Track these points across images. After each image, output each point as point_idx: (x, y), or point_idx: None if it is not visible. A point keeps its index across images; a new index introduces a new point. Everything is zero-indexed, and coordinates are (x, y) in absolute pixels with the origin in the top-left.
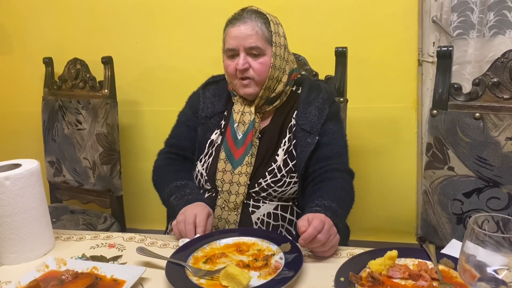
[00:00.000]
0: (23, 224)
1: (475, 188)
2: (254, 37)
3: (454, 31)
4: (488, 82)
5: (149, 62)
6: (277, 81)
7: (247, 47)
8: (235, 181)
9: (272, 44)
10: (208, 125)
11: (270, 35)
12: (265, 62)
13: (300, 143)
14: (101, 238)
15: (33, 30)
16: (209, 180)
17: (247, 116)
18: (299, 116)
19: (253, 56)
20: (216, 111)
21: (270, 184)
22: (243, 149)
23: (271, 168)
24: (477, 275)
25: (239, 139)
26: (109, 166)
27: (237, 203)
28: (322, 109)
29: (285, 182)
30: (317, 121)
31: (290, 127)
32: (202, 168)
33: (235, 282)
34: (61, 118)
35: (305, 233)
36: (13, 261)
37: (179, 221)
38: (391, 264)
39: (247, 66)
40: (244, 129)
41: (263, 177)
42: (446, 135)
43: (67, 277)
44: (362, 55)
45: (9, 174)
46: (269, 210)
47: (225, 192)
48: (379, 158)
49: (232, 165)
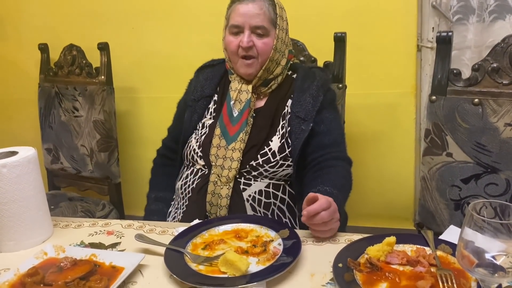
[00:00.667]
0: (21, 212)
1: (473, 174)
2: (261, 17)
3: (453, 16)
4: (488, 68)
5: (145, 48)
6: (276, 63)
7: (253, 26)
8: (229, 156)
9: (276, 27)
10: (195, 108)
11: (275, 17)
12: (268, 42)
13: (295, 130)
14: (99, 226)
15: (28, 16)
16: (203, 156)
17: (244, 94)
18: (294, 105)
19: (257, 35)
20: (204, 95)
21: (260, 164)
22: (238, 126)
23: (264, 152)
24: (475, 261)
25: (235, 116)
26: (106, 153)
27: (229, 177)
28: (316, 97)
29: (278, 164)
30: (312, 109)
31: (284, 115)
32: (196, 145)
33: (234, 268)
34: (57, 105)
35: (311, 206)
36: (11, 248)
37: None
38: (389, 250)
39: (251, 44)
40: (240, 107)
41: (254, 159)
42: (444, 121)
43: (65, 264)
44: (361, 41)
45: (6, 162)
46: (260, 188)
47: (218, 166)
48: (378, 144)
49: (227, 141)
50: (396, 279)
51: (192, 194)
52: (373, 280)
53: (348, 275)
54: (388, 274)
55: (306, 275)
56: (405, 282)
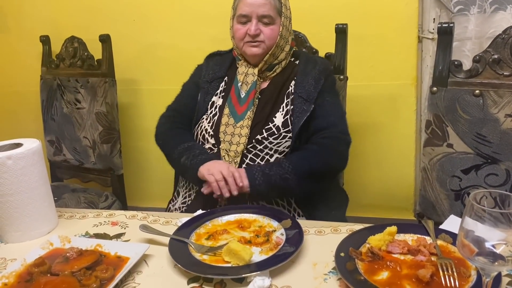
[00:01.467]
0: (26, 203)
1: (473, 165)
2: (267, 6)
3: (454, 7)
4: (489, 59)
5: (147, 40)
6: (281, 49)
7: (260, 15)
8: (237, 133)
9: (282, 15)
10: (208, 89)
11: (280, 6)
12: (274, 29)
13: (297, 109)
14: (103, 216)
15: (29, 8)
16: (214, 135)
17: (250, 77)
18: (297, 86)
19: (264, 24)
20: (216, 76)
21: (265, 137)
22: (245, 106)
23: (268, 127)
24: (475, 250)
25: (242, 97)
26: (109, 145)
27: (237, 152)
28: (318, 79)
29: (281, 135)
30: (313, 90)
31: (288, 94)
32: (208, 125)
33: (238, 258)
34: (59, 97)
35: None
36: (17, 239)
37: (212, 181)
38: (390, 239)
39: (259, 32)
40: (246, 89)
41: (260, 133)
42: (445, 112)
43: (71, 255)
44: (362, 32)
45: (11, 154)
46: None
47: (227, 142)
48: (378, 135)
49: (235, 120)
50: (397, 268)
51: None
52: (374, 269)
53: (350, 264)
54: (389, 263)
55: (308, 264)
56: (406, 270)
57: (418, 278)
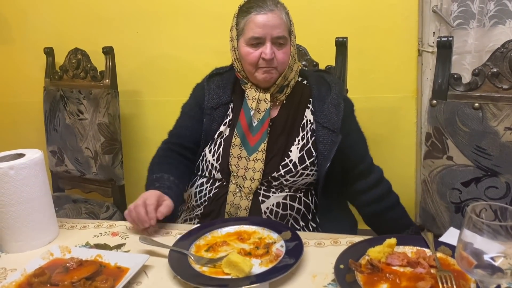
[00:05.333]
0: (27, 213)
1: (473, 178)
2: (282, 27)
3: (454, 21)
4: (488, 72)
5: (150, 52)
6: (291, 69)
7: (274, 37)
8: (251, 167)
9: (291, 34)
10: (213, 116)
11: (290, 24)
12: (287, 52)
13: (323, 141)
14: (104, 227)
15: (34, 20)
16: (220, 170)
17: (262, 104)
18: (317, 115)
19: (278, 45)
20: (221, 102)
21: (282, 175)
22: (258, 136)
23: (285, 163)
24: (474, 262)
25: (254, 126)
26: (110, 155)
27: (252, 188)
28: (337, 105)
29: (298, 173)
30: (337, 118)
31: (303, 125)
32: (212, 159)
33: (238, 270)
34: (62, 108)
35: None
36: (18, 249)
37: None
38: (389, 251)
39: (273, 56)
40: (259, 117)
41: (277, 171)
42: (445, 125)
43: (72, 265)
44: (362, 45)
45: (13, 164)
46: (278, 200)
47: (240, 177)
48: (379, 148)
49: (247, 152)
50: (397, 280)
51: (208, 203)
52: (374, 281)
53: (350, 276)
54: (389, 275)
55: (308, 276)
56: (406, 283)
57: None
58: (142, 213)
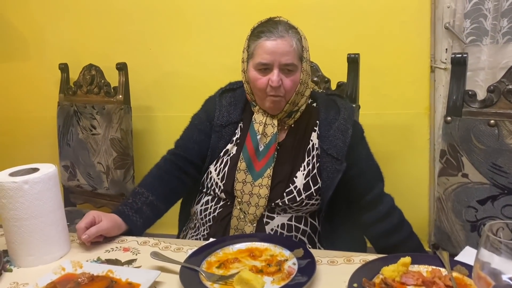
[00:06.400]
0: (40, 227)
1: (489, 196)
2: (291, 54)
3: (467, 37)
4: (503, 89)
5: (162, 68)
6: (301, 95)
7: (283, 64)
8: (255, 193)
9: (303, 60)
10: (222, 134)
11: (302, 51)
12: (295, 79)
13: (326, 169)
14: (115, 242)
15: (50, 37)
16: (224, 190)
17: (269, 128)
18: (322, 140)
19: (286, 72)
20: (231, 120)
21: (286, 203)
22: (264, 161)
23: (289, 190)
24: (492, 282)
25: (261, 150)
26: (122, 170)
27: (256, 215)
28: (345, 131)
29: (303, 202)
30: (342, 145)
31: (309, 150)
32: (217, 178)
33: (249, 287)
34: (76, 123)
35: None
36: (30, 263)
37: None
38: (404, 270)
39: (280, 84)
40: (266, 141)
41: (281, 198)
42: (460, 142)
43: (83, 280)
44: (375, 62)
45: (28, 178)
46: (283, 221)
47: (245, 203)
48: (392, 164)
49: (253, 177)
50: None
51: (213, 222)
52: None
53: None
54: None
55: None
56: None
57: None
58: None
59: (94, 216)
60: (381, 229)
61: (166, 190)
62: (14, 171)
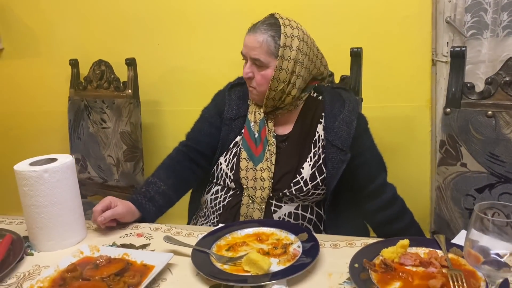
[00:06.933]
0: (59, 214)
1: (487, 184)
2: (257, 50)
3: (467, 31)
4: (501, 81)
5: (170, 63)
6: (282, 93)
7: (252, 58)
8: (258, 177)
9: (278, 58)
10: (231, 126)
11: (276, 48)
12: (266, 74)
13: (331, 159)
14: (129, 228)
15: (60, 34)
16: (234, 180)
17: (256, 115)
18: (328, 131)
19: (257, 66)
20: (240, 114)
21: (293, 193)
22: (261, 146)
23: (296, 180)
24: (481, 258)
25: (256, 137)
26: (132, 163)
27: (263, 197)
28: (349, 122)
29: (309, 192)
30: (347, 136)
31: (315, 142)
32: (227, 168)
33: (257, 267)
34: (86, 117)
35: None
36: (50, 248)
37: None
38: (402, 252)
39: (251, 76)
40: (258, 128)
41: (288, 188)
42: (459, 133)
43: (101, 262)
44: (377, 56)
45: (48, 167)
46: (290, 210)
47: (250, 188)
48: (394, 156)
49: (254, 163)
50: (409, 279)
51: (223, 210)
52: (387, 279)
53: (364, 274)
54: (402, 274)
55: (324, 274)
56: (418, 281)
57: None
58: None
59: (110, 201)
60: (384, 217)
61: (177, 180)
62: (34, 161)
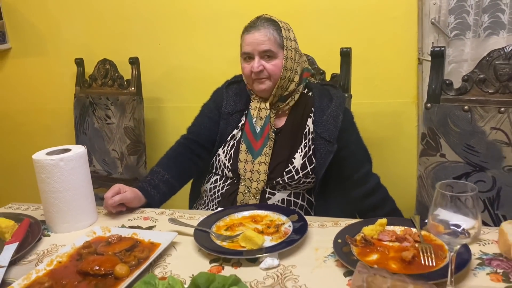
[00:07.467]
0: (73, 199)
1: (464, 173)
2: (267, 42)
3: (451, 32)
4: (476, 78)
5: (171, 62)
6: (289, 80)
7: (261, 51)
8: (256, 170)
9: (284, 48)
10: (229, 121)
11: (281, 40)
12: (277, 64)
13: (320, 150)
14: (136, 213)
15: (66, 33)
16: (232, 170)
17: (263, 111)
18: (316, 125)
19: (266, 58)
20: (237, 109)
21: (285, 181)
22: (261, 141)
23: (288, 169)
24: (442, 229)
25: (257, 132)
26: (135, 156)
27: (258, 189)
28: (336, 116)
29: (300, 180)
30: (334, 129)
31: (305, 134)
32: (225, 159)
33: (252, 243)
34: (91, 114)
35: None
36: (65, 229)
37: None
38: (381, 229)
39: (262, 68)
40: (261, 124)
41: (281, 176)
42: (438, 126)
43: (113, 240)
44: (366, 55)
45: (63, 156)
46: (283, 197)
47: (247, 179)
48: (382, 150)
49: (253, 156)
50: (386, 252)
51: (221, 198)
52: (366, 252)
53: (346, 248)
54: (379, 248)
55: (311, 249)
56: (393, 254)
57: (402, 259)
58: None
59: (119, 187)
60: (368, 204)
61: (180, 170)
62: (50, 151)
